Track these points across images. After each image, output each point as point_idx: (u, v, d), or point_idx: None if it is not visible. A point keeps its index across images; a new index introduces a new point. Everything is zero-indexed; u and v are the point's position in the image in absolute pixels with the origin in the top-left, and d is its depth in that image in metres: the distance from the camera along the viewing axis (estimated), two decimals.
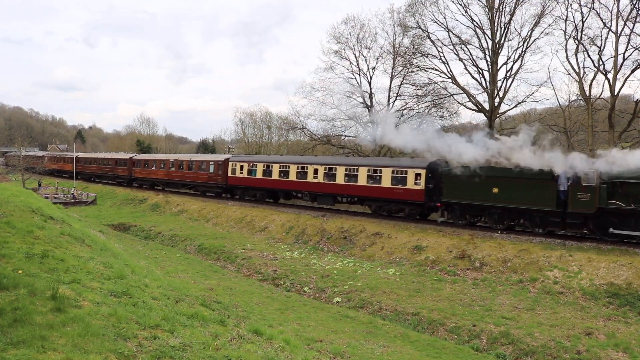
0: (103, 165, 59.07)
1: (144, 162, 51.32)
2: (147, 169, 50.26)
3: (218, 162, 40.54)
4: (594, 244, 21.54)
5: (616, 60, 34.14)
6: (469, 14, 39.74)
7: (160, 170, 47.98)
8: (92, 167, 61.50)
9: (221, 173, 39.83)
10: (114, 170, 56.22)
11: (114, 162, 56.22)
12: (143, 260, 21.81)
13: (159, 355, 6.35)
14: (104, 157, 60.90)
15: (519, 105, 41.59)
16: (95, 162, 61.47)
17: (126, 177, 54.12)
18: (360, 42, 46.96)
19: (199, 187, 43.60)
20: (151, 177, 50.00)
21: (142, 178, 51.50)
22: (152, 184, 50.69)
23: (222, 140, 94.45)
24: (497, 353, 14.84)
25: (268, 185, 36.28)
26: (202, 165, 42.73)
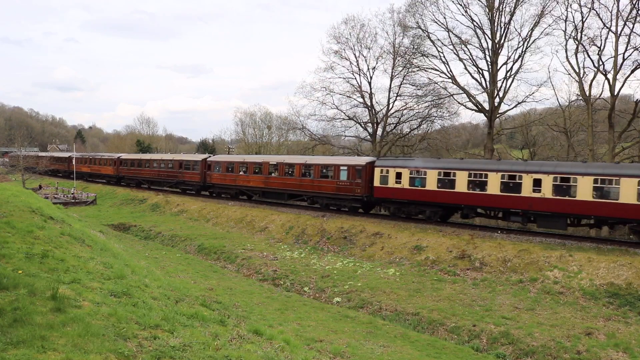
0: (161, 168, 48.88)
1: (225, 166, 40.27)
2: (230, 173, 39.61)
3: (356, 166, 30.54)
4: (594, 244, 21.55)
5: (616, 60, 34.16)
6: (469, 14, 39.84)
7: (254, 176, 37.37)
8: (143, 171, 51.56)
9: (361, 181, 29.91)
10: (177, 174, 46.06)
11: (178, 165, 45.79)
12: (143, 260, 21.80)
13: (159, 355, 6.35)
14: (162, 158, 50.31)
15: (519, 105, 41.71)
16: (147, 165, 50.96)
17: (197, 184, 44.02)
18: (360, 42, 47.07)
19: (322, 199, 32.58)
20: (239, 184, 39.11)
21: (222, 185, 40.94)
22: (237, 193, 40.24)
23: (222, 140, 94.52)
24: (497, 353, 14.84)
25: (445, 199, 26.57)
26: (328, 170, 32.27)
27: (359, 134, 50.63)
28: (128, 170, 54.49)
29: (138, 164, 52.72)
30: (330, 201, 32.16)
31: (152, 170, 49.99)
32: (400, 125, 48.30)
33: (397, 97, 46.82)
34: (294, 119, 53.43)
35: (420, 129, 47.83)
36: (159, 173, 49.08)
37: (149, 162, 50.99)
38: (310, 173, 33.08)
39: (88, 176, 63.69)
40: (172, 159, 47.54)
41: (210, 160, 42.09)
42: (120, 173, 55.87)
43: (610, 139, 35.57)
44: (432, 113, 46.50)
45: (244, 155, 45.73)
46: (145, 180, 52.39)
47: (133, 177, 53.95)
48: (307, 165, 33.52)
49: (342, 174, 30.84)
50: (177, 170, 45.83)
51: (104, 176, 60.05)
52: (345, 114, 48.86)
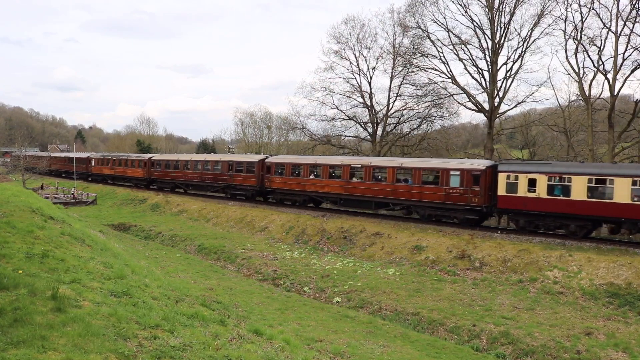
0: (204, 171, 42.92)
1: (290, 168, 34.68)
2: (297, 177, 34.24)
3: (473, 171, 25.38)
4: (594, 244, 21.56)
5: (616, 60, 34.14)
6: (468, 14, 39.83)
7: (330, 181, 31.90)
8: (181, 174, 45.82)
9: (479, 189, 24.95)
10: (225, 178, 40.18)
11: (227, 167, 40.04)
12: (143, 260, 21.81)
13: (159, 355, 6.35)
14: (206, 159, 44.02)
15: (518, 105, 41.70)
16: (187, 167, 44.99)
17: (252, 189, 38.06)
18: (360, 42, 47.08)
19: (423, 209, 27.82)
20: (309, 189, 33.40)
21: (285, 191, 35.26)
22: (306, 200, 34.59)
23: (222, 140, 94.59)
24: (497, 353, 14.85)
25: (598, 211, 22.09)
26: (432, 175, 27.54)
27: (359, 134, 50.69)
28: (162, 172, 48.15)
29: (174, 166, 46.44)
30: (434, 211, 27.34)
31: (193, 173, 43.78)
32: (400, 125, 48.34)
33: (397, 97, 46.89)
34: (294, 119, 53.49)
35: (420, 129, 47.87)
36: (201, 176, 42.88)
37: (189, 163, 44.68)
38: (408, 178, 28.16)
39: (111, 179, 58.23)
40: (220, 159, 41.70)
41: (270, 161, 36.38)
42: (152, 176, 49.67)
43: (610, 139, 35.57)
44: (432, 113, 46.55)
45: (315, 157, 38.69)
46: (182, 184, 46.55)
47: (168, 180, 47.63)
48: (404, 169, 28.44)
49: (452, 180, 26.00)
50: (226, 173, 39.89)
51: (131, 179, 53.88)
52: (345, 114, 48.92)
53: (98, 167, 59.50)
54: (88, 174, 62.51)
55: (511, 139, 61.93)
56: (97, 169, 60.06)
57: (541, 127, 46.94)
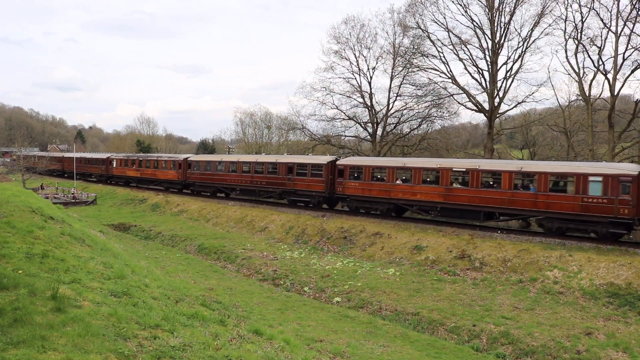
0: (255, 174, 37.45)
1: (370, 171, 30.20)
2: (379, 182, 29.61)
3: (620, 177, 21.57)
4: (594, 244, 21.55)
5: (616, 61, 34.17)
6: (468, 14, 39.88)
7: (424, 187, 27.46)
8: (225, 177, 40.60)
9: (630, 198, 21.19)
10: (284, 182, 34.99)
11: (286, 170, 34.86)
12: (143, 260, 21.80)
13: (159, 355, 6.35)
14: (258, 160, 38.53)
15: (519, 105, 41.75)
16: (233, 169, 39.81)
17: (319, 195, 33.23)
18: (360, 42, 47.08)
19: (552, 220, 23.78)
20: (396, 196, 28.89)
21: (363, 198, 30.69)
22: (390, 208, 29.86)
23: (222, 141, 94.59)
24: (497, 353, 14.85)
25: None
26: (563, 181, 23.69)
27: (359, 134, 50.70)
28: (201, 175, 43.04)
29: (217, 168, 41.43)
30: (564, 224, 23.35)
31: (241, 177, 38.64)
32: (400, 125, 48.35)
33: (397, 97, 46.90)
34: (294, 119, 53.51)
35: (420, 129, 47.88)
36: (252, 180, 37.66)
37: (236, 165, 39.53)
38: (529, 185, 24.31)
39: (135, 182, 52.96)
40: (276, 161, 36.11)
41: (343, 163, 31.90)
42: (189, 179, 44.57)
43: (610, 139, 35.58)
44: (432, 113, 46.57)
45: (402, 159, 33.92)
46: (226, 189, 41.78)
47: (208, 184, 42.89)
48: (525, 173, 24.55)
49: (591, 187, 22.09)
50: (284, 177, 34.89)
51: (162, 182, 48.65)
52: (345, 114, 48.93)
53: (121, 169, 54.40)
54: (108, 177, 57.88)
55: (511, 139, 61.93)
56: (120, 171, 54.85)
57: (541, 127, 46.94)
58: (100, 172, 58.69)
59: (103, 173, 58.47)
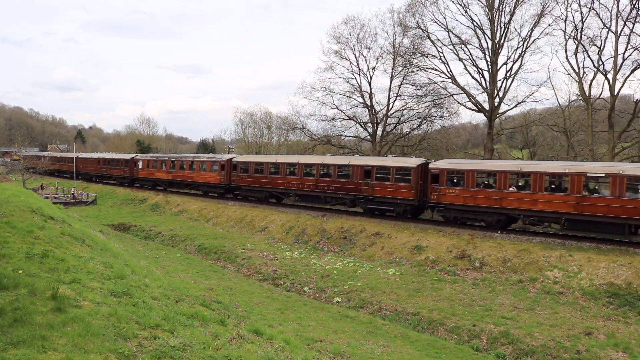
0: (321, 177, 32.93)
1: (474, 176, 26.07)
2: (487, 189, 25.58)
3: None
4: (594, 244, 21.56)
5: (616, 60, 34.17)
6: (468, 14, 39.85)
7: (547, 195, 23.61)
8: (283, 181, 35.39)
9: None
10: (360, 187, 30.45)
11: (361, 173, 30.45)
12: (143, 260, 21.81)
13: (159, 355, 6.35)
14: (323, 161, 33.60)
15: (519, 105, 41.72)
16: (291, 171, 35.13)
17: (405, 203, 28.86)
18: (360, 42, 47.07)
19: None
20: (508, 205, 24.86)
21: (465, 207, 26.50)
22: (500, 219, 25.57)
23: (222, 140, 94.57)
24: (497, 353, 14.85)
25: None
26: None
27: (359, 134, 50.70)
28: (251, 178, 37.94)
29: (272, 170, 36.45)
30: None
31: (302, 181, 33.86)
32: (400, 125, 48.35)
33: (397, 97, 46.89)
34: (294, 119, 53.49)
35: (420, 129, 47.87)
36: (316, 184, 32.85)
37: (295, 167, 34.68)
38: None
39: (166, 185, 48.23)
40: (349, 163, 31.60)
41: (438, 167, 27.37)
42: (234, 182, 39.69)
43: (610, 139, 35.59)
44: (432, 113, 46.56)
45: (517, 162, 30.04)
46: (283, 194, 36.71)
47: (260, 188, 37.44)
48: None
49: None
50: (359, 181, 30.38)
51: (200, 186, 43.89)
52: (345, 114, 48.92)
53: (148, 171, 49.58)
54: (132, 179, 52.70)
55: (511, 139, 61.94)
56: (147, 173, 49.91)
57: (541, 127, 46.95)
58: (123, 175, 53.58)
59: (126, 175, 53.18)
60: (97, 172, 59.37)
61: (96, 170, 59.29)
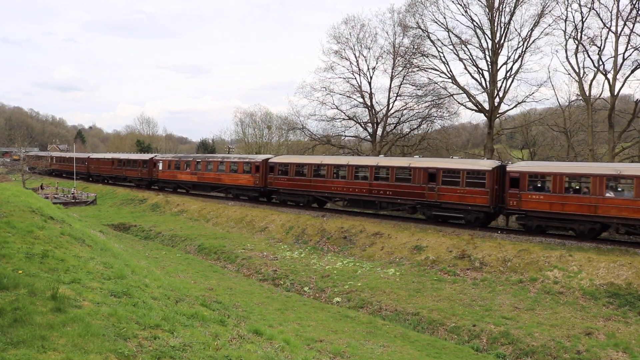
0: (375, 181, 29.46)
1: (562, 180, 23.29)
2: (578, 195, 22.94)
3: None
4: (594, 244, 21.55)
5: (616, 60, 34.17)
6: (468, 14, 39.85)
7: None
8: (330, 184, 31.79)
9: None
10: (423, 192, 27.31)
11: (424, 177, 27.27)
12: (143, 260, 21.81)
13: (159, 355, 6.35)
14: (377, 163, 30.06)
15: (519, 105, 41.72)
16: (337, 174, 31.66)
17: (478, 210, 25.72)
18: (361, 42, 47.06)
19: None
20: (605, 213, 22.09)
21: (551, 215, 23.75)
22: (594, 229, 22.93)
23: (222, 140, 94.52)
24: (497, 353, 14.85)
25: None
26: None
27: (359, 134, 50.69)
28: (289, 181, 34.40)
29: (314, 172, 32.81)
30: None
31: (352, 184, 30.44)
32: (400, 125, 48.36)
33: (397, 97, 46.88)
34: (294, 119, 53.45)
35: (420, 129, 47.88)
36: (370, 188, 29.60)
37: (345, 169, 31.07)
38: None
39: (190, 187, 45.10)
40: (409, 165, 28.20)
41: (518, 170, 24.55)
42: (270, 185, 35.84)
43: (610, 139, 35.59)
44: (432, 113, 46.56)
45: (616, 164, 26.55)
46: (327, 198, 33.11)
47: (300, 192, 33.93)
48: None
49: None
50: (422, 185, 27.21)
51: (231, 188, 40.04)
52: (345, 114, 48.91)
53: (169, 172, 46.59)
54: (151, 181, 49.74)
55: (511, 139, 61.95)
56: (168, 175, 46.88)
57: (541, 127, 46.93)
58: (141, 176, 50.52)
59: (144, 177, 50.09)
60: (110, 173, 56.44)
61: (110, 171, 56.43)
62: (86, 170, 60.91)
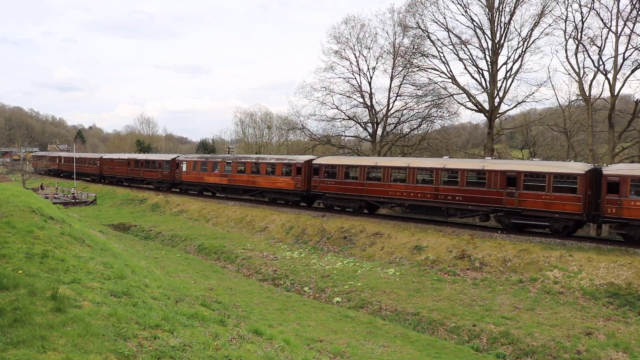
0: (442, 185, 26.70)
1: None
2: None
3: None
4: (594, 244, 21.56)
5: (616, 60, 34.17)
6: (468, 14, 39.89)
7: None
8: (385, 188, 29.11)
9: None
10: (500, 197, 24.64)
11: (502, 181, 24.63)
12: (143, 260, 21.80)
13: (159, 355, 6.35)
14: (444, 165, 27.12)
15: (519, 105, 41.78)
16: (394, 177, 29.03)
17: (567, 219, 23.31)
18: (361, 42, 47.08)
19: None
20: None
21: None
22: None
23: (222, 140, 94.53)
24: (497, 353, 14.84)
25: None
26: None
27: (359, 134, 50.70)
28: (338, 184, 31.35)
29: (368, 175, 29.97)
30: None
31: (414, 188, 27.65)
32: (400, 125, 48.37)
33: (397, 97, 46.90)
34: (294, 119, 53.47)
35: (420, 129, 47.90)
36: (436, 193, 26.79)
37: (405, 171, 28.37)
38: None
39: (219, 191, 41.54)
40: (482, 168, 25.53)
41: (617, 174, 22.08)
42: (316, 188, 32.77)
43: (610, 139, 35.59)
44: (432, 113, 46.60)
45: None
46: (383, 203, 30.59)
47: (352, 197, 30.98)
48: None
49: None
50: (499, 190, 24.58)
51: (267, 192, 36.78)
52: (345, 114, 48.92)
53: (195, 174, 43.30)
54: (173, 183, 46.53)
55: (511, 139, 61.97)
56: (193, 177, 43.51)
57: (541, 127, 46.98)
58: (161, 178, 47.47)
59: (165, 179, 47.02)
60: (126, 175, 53.11)
61: (126, 172, 53.00)
62: (98, 171, 58.23)
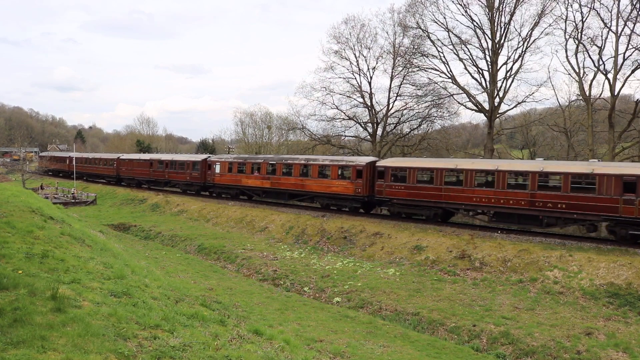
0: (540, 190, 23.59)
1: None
2: None
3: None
4: (594, 244, 21.54)
5: (616, 60, 34.17)
6: (468, 14, 39.86)
7: None
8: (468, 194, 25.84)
9: None
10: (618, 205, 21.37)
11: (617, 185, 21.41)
12: (143, 260, 21.79)
13: (159, 355, 6.34)
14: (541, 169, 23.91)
15: (519, 105, 41.75)
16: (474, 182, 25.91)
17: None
18: (361, 42, 47.04)
19: None
20: None
21: None
22: None
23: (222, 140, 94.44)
24: (497, 353, 14.84)
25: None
26: None
27: (359, 134, 50.67)
28: (406, 189, 28.36)
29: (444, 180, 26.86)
30: None
31: (504, 194, 24.57)
32: (400, 125, 48.33)
33: (397, 97, 46.87)
34: (294, 119, 53.43)
35: (420, 129, 47.86)
36: (531, 200, 23.71)
37: (493, 175, 25.27)
38: None
39: (260, 194, 38.03)
40: (591, 171, 22.34)
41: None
42: (381, 194, 29.52)
43: (610, 139, 35.58)
44: (432, 113, 46.54)
45: None
46: (466, 210, 27.15)
47: (422, 203, 27.91)
48: None
49: None
50: (612, 197, 21.51)
51: (320, 197, 33.43)
52: (345, 114, 48.89)
53: (231, 176, 39.72)
54: (204, 186, 43.06)
55: (511, 139, 61.96)
56: (229, 179, 39.88)
57: (541, 127, 46.96)
58: (191, 180, 43.82)
59: (195, 181, 43.37)
60: (149, 176, 49.55)
61: (148, 174, 49.50)
62: (115, 172, 54.94)
